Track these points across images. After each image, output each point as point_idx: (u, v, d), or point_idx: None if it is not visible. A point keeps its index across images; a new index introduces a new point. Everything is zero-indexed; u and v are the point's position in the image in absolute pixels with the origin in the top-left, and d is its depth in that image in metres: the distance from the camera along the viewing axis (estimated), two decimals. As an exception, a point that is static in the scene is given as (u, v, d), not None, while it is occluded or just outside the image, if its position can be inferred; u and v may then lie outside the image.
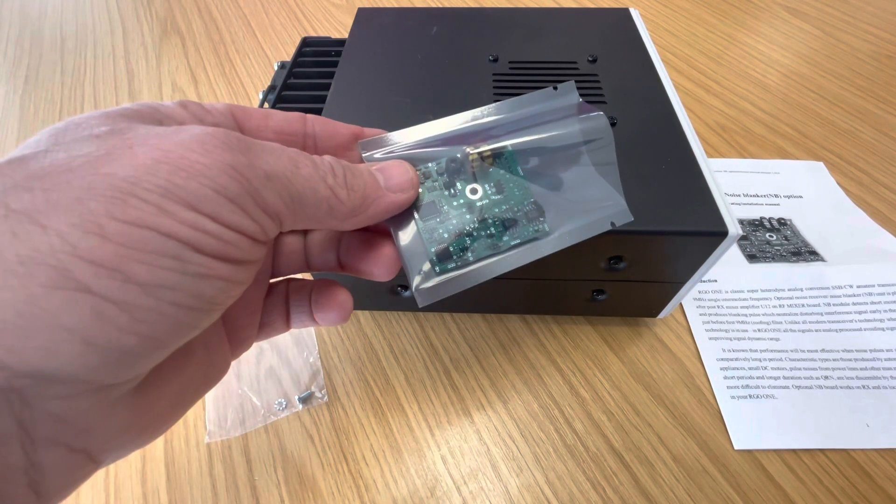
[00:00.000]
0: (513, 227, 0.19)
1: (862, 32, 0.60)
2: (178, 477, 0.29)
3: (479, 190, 0.19)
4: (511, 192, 0.20)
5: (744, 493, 0.28)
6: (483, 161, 0.20)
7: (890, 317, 0.34)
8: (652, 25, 0.61)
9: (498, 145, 0.20)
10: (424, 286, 0.18)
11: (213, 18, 0.65)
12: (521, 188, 0.20)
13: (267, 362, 0.33)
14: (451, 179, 0.19)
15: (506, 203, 0.19)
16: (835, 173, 0.44)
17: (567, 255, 0.27)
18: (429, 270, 0.19)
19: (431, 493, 0.28)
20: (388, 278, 0.19)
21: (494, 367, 0.33)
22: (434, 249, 0.19)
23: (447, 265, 0.19)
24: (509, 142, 0.20)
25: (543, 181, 0.20)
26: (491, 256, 0.19)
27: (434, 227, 0.19)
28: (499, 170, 0.20)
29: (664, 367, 0.33)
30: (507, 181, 0.20)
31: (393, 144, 0.19)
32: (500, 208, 0.19)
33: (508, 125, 0.20)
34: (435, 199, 0.19)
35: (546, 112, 0.21)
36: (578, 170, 0.21)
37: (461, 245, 0.19)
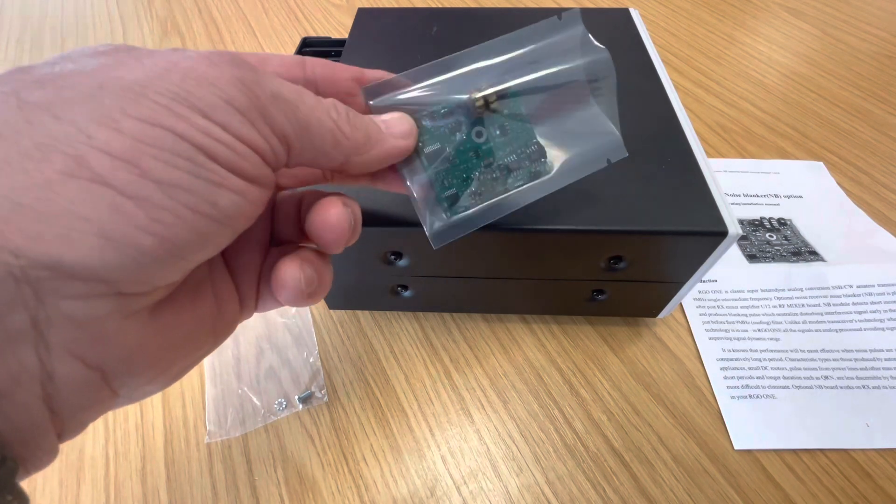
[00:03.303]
0: (517, 169, 0.20)
1: (862, 32, 0.60)
2: (178, 477, 0.29)
3: (484, 133, 0.20)
4: (515, 135, 0.20)
5: (744, 493, 0.28)
6: (488, 104, 0.20)
7: (890, 317, 0.34)
8: (652, 25, 0.61)
9: (502, 87, 0.20)
10: (438, 229, 0.19)
11: (213, 18, 0.65)
12: (525, 129, 0.20)
13: (267, 362, 0.33)
14: (456, 124, 0.19)
15: (510, 145, 0.20)
16: (835, 173, 0.44)
17: (567, 255, 0.27)
18: (441, 214, 0.19)
19: (431, 493, 0.28)
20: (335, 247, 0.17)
21: (494, 367, 0.33)
22: (445, 194, 0.19)
23: (458, 208, 0.20)
24: (513, 82, 0.20)
25: (546, 120, 0.21)
26: (497, 197, 0.20)
27: (443, 173, 0.19)
28: (504, 111, 0.20)
29: (664, 367, 0.33)
30: (511, 123, 0.20)
31: (397, 90, 0.19)
32: (505, 150, 0.20)
33: (513, 63, 0.20)
34: (442, 144, 0.19)
35: (551, 45, 0.21)
36: (581, 107, 0.21)
37: (469, 188, 0.20)
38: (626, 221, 0.25)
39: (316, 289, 0.17)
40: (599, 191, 0.26)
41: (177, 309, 0.14)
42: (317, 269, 0.17)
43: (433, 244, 0.19)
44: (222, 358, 0.33)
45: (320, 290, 0.18)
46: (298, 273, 0.17)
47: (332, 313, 0.36)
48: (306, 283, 0.17)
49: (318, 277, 0.17)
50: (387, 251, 0.27)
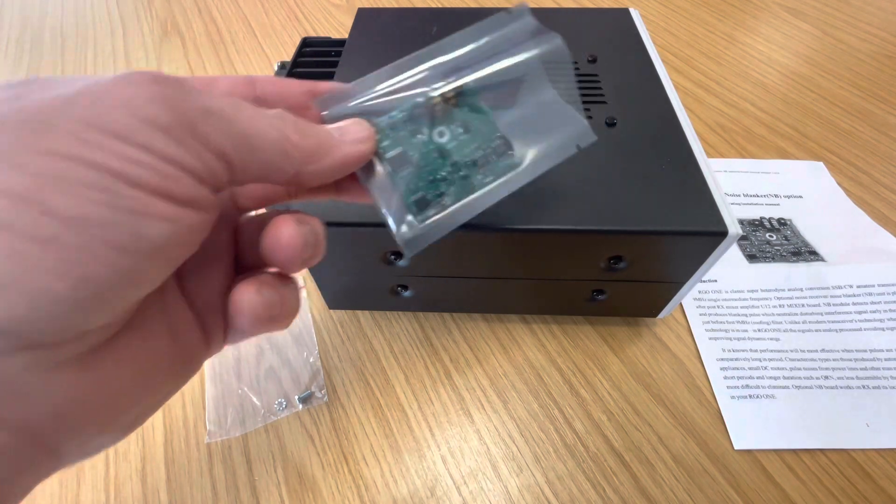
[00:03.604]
0: (484, 165, 0.20)
1: (862, 32, 0.60)
2: (178, 477, 0.29)
3: (446, 133, 0.19)
4: (478, 130, 0.20)
5: (744, 493, 0.28)
6: (446, 102, 0.19)
7: (890, 317, 0.34)
8: (652, 25, 0.61)
9: (458, 83, 0.20)
10: (409, 236, 0.19)
11: (213, 18, 0.65)
12: (487, 124, 0.20)
13: (267, 362, 0.33)
14: (417, 126, 0.19)
15: (474, 142, 0.20)
16: (835, 173, 0.44)
17: (567, 255, 0.27)
18: (410, 220, 0.19)
19: (431, 493, 0.28)
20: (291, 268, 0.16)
21: (494, 367, 0.33)
22: (412, 199, 0.19)
23: (427, 212, 0.19)
24: (470, 77, 0.20)
25: (508, 112, 0.20)
26: (467, 196, 0.19)
27: (408, 177, 0.19)
28: (463, 108, 0.20)
29: (664, 367, 0.33)
30: (473, 119, 0.20)
31: (352, 97, 0.19)
32: (470, 147, 0.19)
33: (468, 59, 0.20)
34: (404, 149, 0.19)
35: (503, 39, 0.21)
36: (540, 95, 0.21)
37: (437, 190, 0.19)
38: (626, 221, 0.25)
39: (279, 313, 0.16)
40: (599, 191, 0.26)
41: (119, 352, 0.13)
42: (278, 292, 0.16)
43: (405, 253, 0.18)
44: (222, 358, 0.33)
45: (284, 314, 0.16)
46: (255, 297, 0.15)
47: (332, 313, 0.36)
48: (264, 308, 0.15)
49: (280, 300, 0.16)
50: (387, 251, 0.27)
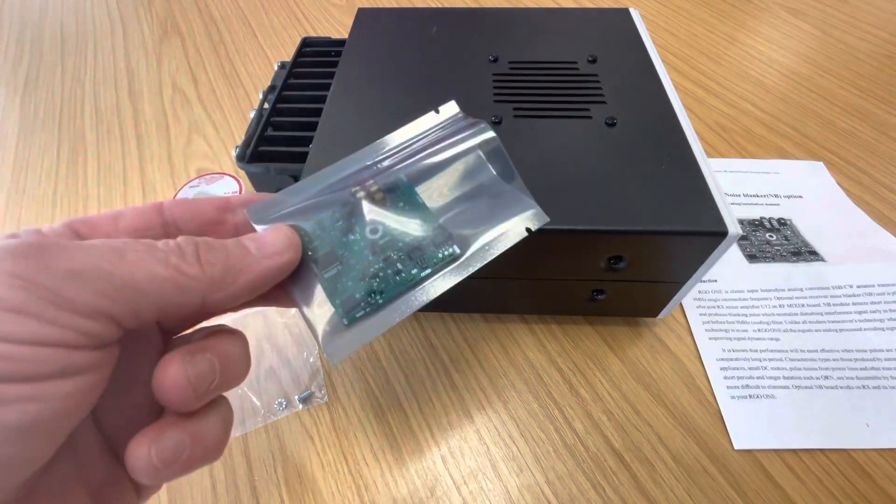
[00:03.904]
0: (422, 259, 0.19)
1: (862, 32, 0.60)
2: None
3: (379, 228, 0.19)
4: (413, 223, 0.19)
5: (744, 493, 0.28)
6: (373, 198, 0.19)
7: (890, 317, 0.34)
8: (652, 25, 0.61)
9: (389, 178, 0.19)
10: (333, 342, 0.17)
11: (213, 18, 0.65)
12: (424, 217, 0.19)
13: (267, 362, 0.33)
14: (347, 224, 0.18)
15: (409, 235, 0.19)
16: (835, 173, 0.44)
17: (567, 255, 0.27)
18: (336, 324, 0.17)
19: (431, 493, 0.28)
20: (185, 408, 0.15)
21: (494, 367, 0.33)
22: (339, 301, 0.18)
23: (355, 314, 0.18)
24: (402, 171, 0.20)
25: (448, 204, 0.20)
26: (403, 293, 0.18)
27: (335, 278, 0.18)
28: (398, 203, 0.19)
29: (664, 367, 0.33)
30: (408, 213, 0.19)
31: (281, 204, 0.18)
32: (404, 241, 0.19)
33: (401, 156, 0.20)
34: (333, 248, 0.18)
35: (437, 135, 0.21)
36: (482, 183, 0.21)
37: (367, 288, 0.18)
38: (626, 221, 0.25)
39: (188, 457, 0.14)
40: (599, 191, 0.26)
41: None
42: (185, 432, 0.14)
43: (330, 361, 0.17)
44: (222, 358, 0.33)
45: (197, 456, 0.14)
46: (146, 451, 0.14)
47: (332, 313, 0.36)
48: (161, 460, 0.14)
49: (187, 443, 0.14)
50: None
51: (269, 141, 0.33)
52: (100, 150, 0.48)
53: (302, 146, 0.30)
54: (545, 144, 0.29)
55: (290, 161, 0.32)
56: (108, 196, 0.44)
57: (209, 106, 0.52)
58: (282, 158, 0.33)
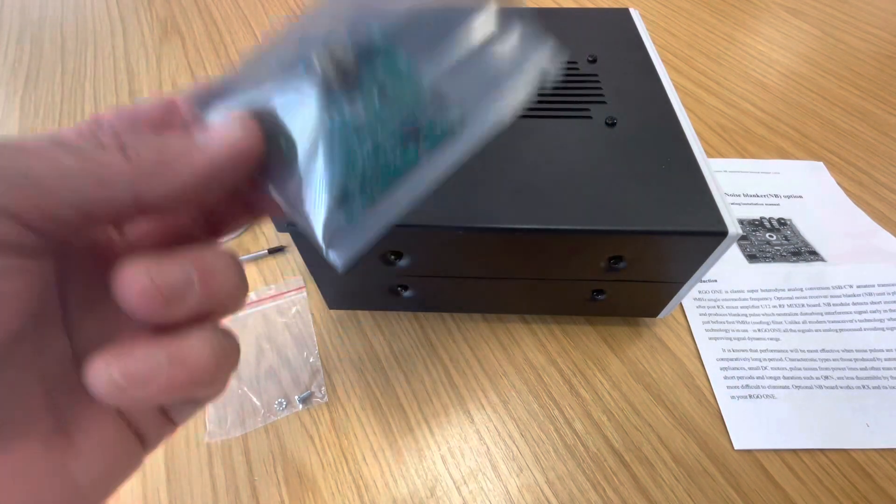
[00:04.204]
0: (417, 133, 0.15)
1: (862, 32, 0.60)
2: (178, 477, 0.29)
3: (358, 102, 0.15)
4: (400, 90, 0.15)
5: (744, 493, 0.28)
6: (346, 64, 0.15)
7: (890, 317, 0.34)
8: (652, 25, 0.61)
9: (360, 35, 0.15)
10: (337, 244, 0.15)
11: (213, 18, 0.65)
12: (410, 81, 0.15)
13: (267, 362, 0.33)
14: (321, 102, 0.15)
15: (399, 105, 0.15)
16: (835, 173, 0.44)
17: (567, 255, 0.27)
18: (335, 223, 0.15)
19: (431, 493, 0.28)
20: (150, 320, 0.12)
21: (494, 367, 0.33)
22: (330, 197, 0.15)
23: (352, 208, 0.15)
24: (375, 23, 0.15)
25: (439, 57, 0.16)
26: (405, 178, 0.15)
27: (319, 169, 0.15)
28: (375, 69, 0.15)
29: (664, 367, 0.33)
30: (393, 78, 0.15)
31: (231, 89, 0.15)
32: (394, 114, 0.15)
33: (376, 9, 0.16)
34: (309, 134, 0.15)
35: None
36: (478, 22, 0.16)
37: (361, 178, 0.15)
38: (626, 221, 0.25)
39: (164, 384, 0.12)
40: (599, 191, 0.26)
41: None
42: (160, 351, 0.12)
43: (339, 265, 0.15)
44: (222, 358, 0.33)
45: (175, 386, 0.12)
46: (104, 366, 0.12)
47: (332, 313, 0.36)
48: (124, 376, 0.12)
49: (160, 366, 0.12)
50: (387, 251, 0.27)
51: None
52: (100, 150, 0.48)
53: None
54: (545, 144, 0.29)
55: (290, 161, 0.32)
56: (108, 196, 0.44)
57: (209, 106, 0.52)
58: (282, 158, 0.33)
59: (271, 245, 0.39)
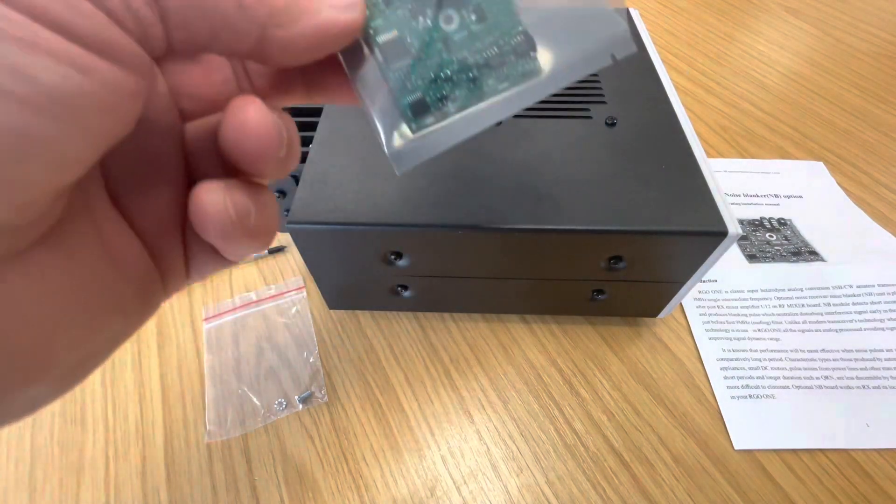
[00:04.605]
0: (499, 67, 0.16)
1: (862, 32, 0.60)
2: (178, 477, 0.29)
3: (455, 18, 0.15)
4: (496, 19, 0.16)
5: (744, 493, 0.28)
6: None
7: (890, 317, 0.34)
8: (652, 25, 0.61)
9: None
10: (400, 148, 0.15)
11: (213, 18, 0.65)
12: (508, 13, 0.16)
13: (267, 362, 0.33)
14: (418, 4, 0.15)
15: (489, 34, 0.15)
16: (835, 173, 0.44)
17: (567, 255, 0.27)
18: (404, 128, 0.15)
19: (431, 493, 0.28)
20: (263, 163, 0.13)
21: (494, 367, 0.33)
22: (409, 100, 0.15)
23: (425, 119, 0.15)
24: None
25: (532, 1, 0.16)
26: (475, 104, 0.16)
27: (404, 71, 0.15)
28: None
29: (664, 367, 0.33)
30: (490, 5, 0.16)
31: None
32: (484, 42, 0.15)
33: None
34: (401, 34, 0.15)
35: None
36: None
37: (439, 92, 0.15)
38: (626, 221, 0.25)
39: (256, 222, 0.13)
40: (599, 191, 0.26)
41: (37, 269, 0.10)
42: (250, 196, 0.13)
43: (396, 169, 0.15)
44: (222, 358, 0.33)
45: (262, 228, 0.13)
46: (221, 196, 0.12)
47: (332, 313, 0.36)
48: (236, 211, 0.12)
49: (254, 207, 0.13)
50: (387, 251, 0.27)
51: (269, 141, 0.33)
52: (100, 150, 0.48)
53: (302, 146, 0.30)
54: (545, 144, 0.29)
55: (290, 161, 0.32)
56: (108, 196, 0.44)
57: (209, 106, 0.52)
58: (282, 158, 0.33)
59: (271, 245, 0.39)
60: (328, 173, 0.27)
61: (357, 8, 0.13)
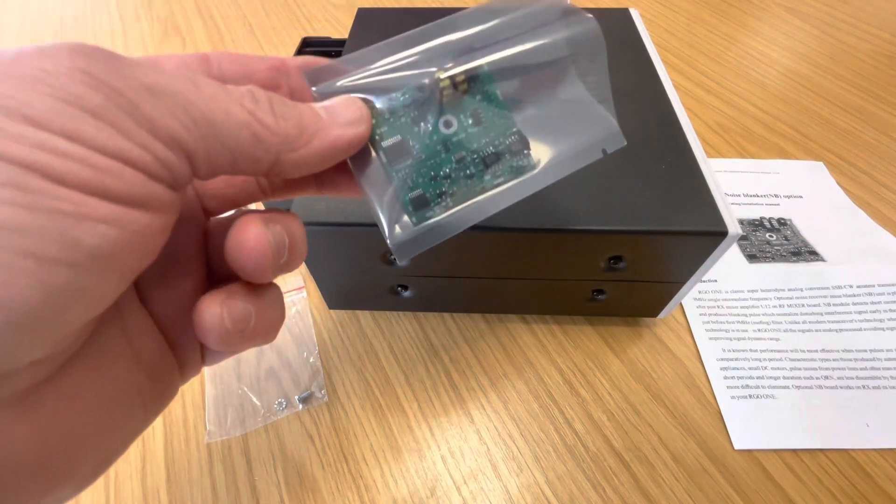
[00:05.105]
0: (495, 164, 0.17)
1: (862, 32, 0.60)
2: (178, 477, 0.29)
3: (453, 123, 0.17)
4: (491, 122, 0.17)
5: (744, 493, 0.28)
6: (456, 87, 0.17)
7: (890, 317, 0.34)
8: (652, 25, 0.61)
9: (472, 65, 0.17)
10: (402, 239, 0.16)
11: (213, 18, 0.65)
12: (502, 116, 0.17)
13: (267, 362, 0.33)
14: (420, 112, 0.16)
15: (485, 135, 0.17)
16: (835, 173, 0.44)
17: (567, 255, 0.27)
18: (405, 221, 0.16)
19: (431, 493, 0.28)
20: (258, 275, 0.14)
21: (494, 367, 0.33)
22: (409, 196, 0.16)
23: (425, 213, 0.17)
24: (485, 59, 0.17)
25: (527, 104, 0.18)
26: (472, 198, 0.17)
27: (406, 171, 0.16)
28: (476, 95, 0.17)
29: (664, 367, 0.33)
30: (486, 109, 0.17)
31: (347, 73, 0.16)
32: (480, 142, 0.17)
33: (484, 37, 0.17)
34: (403, 137, 0.16)
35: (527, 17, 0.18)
36: (565, 87, 0.18)
37: (438, 189, 0.17)
38: (626, 221, 0.25)
39: (252, 328, 0.14)
40: (599, 191, 0.26)
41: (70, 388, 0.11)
42: (250, 303, 0.14)
43: (398, 259, 0.17)
44: (222, 358, 0.33)
45: (260, 330, 0.14)
46: (218, 310, 0.13)
47: (332, 313, 0.36)
48: (232, 322, 0.13)
49: (251, 314, 0.14)
50: (387, 251, 0.27)
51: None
52: (100, 150, 0.48)
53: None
54: (545, 144, 0.29)
55: (290, 161, 0.32)
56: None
57: (209, 106, 0.52)
58: (282, 158, 0.33)
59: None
60: (328, 173, 0.27)
61: (363, 123, 0.15)
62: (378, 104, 0.16)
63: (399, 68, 0.16)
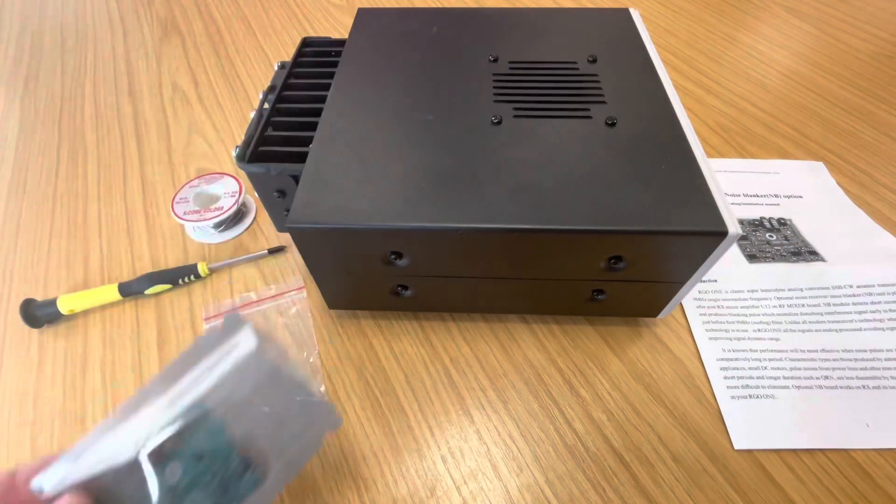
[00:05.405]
0: (225, 491, 0.19)
1: (862, 32, 0.60)
2: (178, 477, 0.29)
3: (178, 467, 0.19)
4: (213, 456, 0.19)
5: (744, 493, 0.28)
6: (164, 446, 0.19)
7: (890, 317, 0.34)
8: (652, 25, 0.61)
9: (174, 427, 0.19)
10: None
11: (214, 18, 0.65)
12: (222, 445, 0.20)
13: (267, 362, 0.33)
14: (141, 478, 0.18)
15: (210, 468, 0.19)
16: (835, 173, 0.44)
17: (567, 255, 0.27)
18: None
19: (431, 493, 0.28)
20: None
21: (494, 367, 0.33)
22: None
23: None
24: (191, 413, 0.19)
25: (244, 422, 0.20)
26: None
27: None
28: (193, 437, 0.19)
29: (664, 367, 0.33)
30: (207, 442, 0.19)
31: (66, 469, 0.18)
32: (206, 476, 0.19)
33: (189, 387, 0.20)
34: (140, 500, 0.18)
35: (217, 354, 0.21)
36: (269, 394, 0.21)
37: None
38: (626, 221, 0.25)
39: None
40: (599, 191, 0.26)
41: None
42: None
43: None
44: (222, 358, 0.33)
45: None
46: None
47: (332, 313, 0.36)
48: None
49: None
50: (387, 251, 0.27)
51: (269, 141, 0.33)
52: (100, 149, 0.48)
53: (302, 146, 0.30)
54: (545, 144, 0.29)
55: (290, 161, 0.32)
56: (108, 196, 0.44)
57: (209, 106, 0.52)
58: (282, 158, 0.33)
59: (271, 245, 0.39)
60: (328, 173, 0.27)
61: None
62: (103, 483, 0.18)
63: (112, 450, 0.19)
